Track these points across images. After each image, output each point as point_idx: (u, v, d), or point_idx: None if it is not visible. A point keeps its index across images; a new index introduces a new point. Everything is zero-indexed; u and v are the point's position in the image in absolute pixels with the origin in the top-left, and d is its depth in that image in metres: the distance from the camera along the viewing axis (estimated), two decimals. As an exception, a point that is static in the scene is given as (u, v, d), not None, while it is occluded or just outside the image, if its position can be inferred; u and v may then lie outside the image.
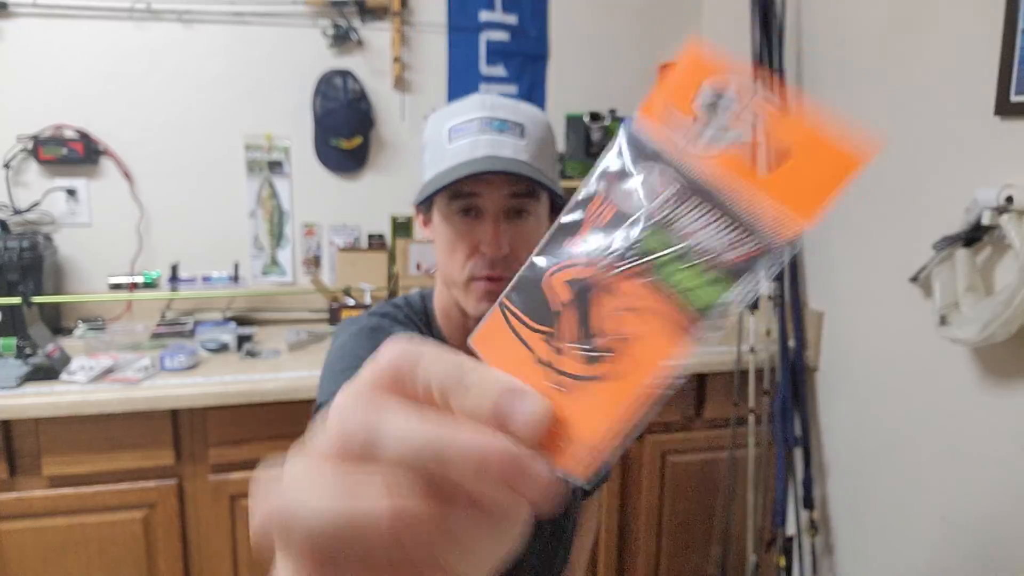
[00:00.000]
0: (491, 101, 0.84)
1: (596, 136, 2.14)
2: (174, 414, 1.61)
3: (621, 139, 0.27)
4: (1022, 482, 1.41)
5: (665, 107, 0.27)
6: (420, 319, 0.93)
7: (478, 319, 0.73)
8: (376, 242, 2.31)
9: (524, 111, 0.85)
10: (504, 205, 0.82)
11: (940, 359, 1.57)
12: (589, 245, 0.27)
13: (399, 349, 0.26)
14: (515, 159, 0.80)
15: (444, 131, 0.83)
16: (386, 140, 2.30)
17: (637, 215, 0.26)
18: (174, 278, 2.03)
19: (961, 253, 1.47)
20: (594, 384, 0.25)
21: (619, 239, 0.26)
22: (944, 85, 1.56)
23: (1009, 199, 1.34)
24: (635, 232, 0.26)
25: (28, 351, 1.66)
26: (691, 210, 0.25)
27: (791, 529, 1.95)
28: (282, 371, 1.69)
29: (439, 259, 0.87)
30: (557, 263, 0.27)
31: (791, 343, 1.90)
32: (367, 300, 2.13)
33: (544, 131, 0.85)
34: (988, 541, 1.49)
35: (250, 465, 1.65)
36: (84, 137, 2.04)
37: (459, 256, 0.83)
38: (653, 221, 0.26)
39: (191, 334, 1.95)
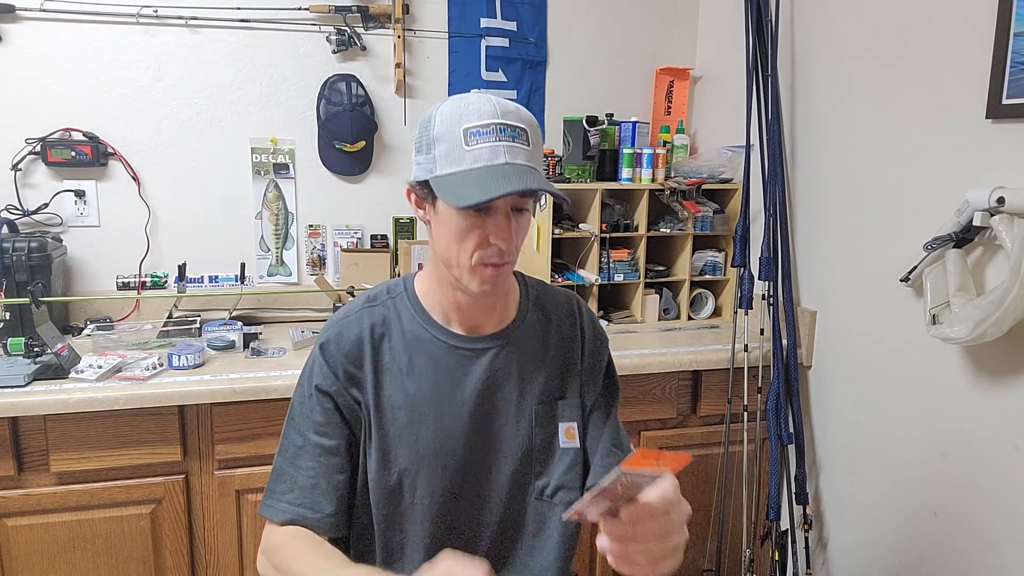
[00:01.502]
0: (501, 108, 0.90)
1: (593, 139, 2.16)
2: (181, 411, 1.62)
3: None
4: (1013, 479, 1.43)
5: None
6: (400, 301, 1.05)
7: (481, 296, 1.01)
8: (379, 243, 2.34)
9: (523, 116, 0.92)
10: (514, 204, 0.92)
11: (931, 358, 1.59)
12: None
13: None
14: (527, 165, 0.89)
15: (459, 132, 0.89)
16: (388, 144, 2.33)
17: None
18: (181, 278, 2.05)
19: (952, 253, 1.47)
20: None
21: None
22: (936, 88, 1.57)
23: (1000, 200, 1.34)
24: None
25: (37, 350, 1.66)
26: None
27: (785, 524, 1.97)
28: (287, 369, 1.70)
29: (442, 243, 0.95)
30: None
31: (784, 342, 1.92)
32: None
33: (538, 135, 0.94)
34: (980, 538, 1.50)
35: (255, 461, 1.67)
36: (92, 140, 2.05)
37: (469, 244, 0.92)
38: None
39: (198, 333, 1.96)
